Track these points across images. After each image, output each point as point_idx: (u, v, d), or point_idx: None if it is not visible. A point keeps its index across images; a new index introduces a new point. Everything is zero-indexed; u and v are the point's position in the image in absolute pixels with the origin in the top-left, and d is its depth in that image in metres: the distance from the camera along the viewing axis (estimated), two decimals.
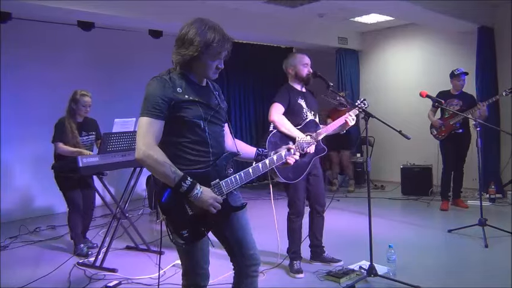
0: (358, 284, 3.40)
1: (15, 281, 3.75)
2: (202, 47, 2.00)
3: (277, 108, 3.59)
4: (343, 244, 4.54)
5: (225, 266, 3.98)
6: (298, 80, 3.75)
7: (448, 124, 5.62)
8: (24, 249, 4.83)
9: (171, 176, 1.94)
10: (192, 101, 2.04)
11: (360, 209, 5.94)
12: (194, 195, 1.96)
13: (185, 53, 2.01)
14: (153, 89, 2.00)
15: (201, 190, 1.98)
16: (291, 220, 3.82)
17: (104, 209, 5.95)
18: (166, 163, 1.95)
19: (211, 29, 2.04)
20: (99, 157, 4.02)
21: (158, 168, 1.94)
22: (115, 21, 5.84)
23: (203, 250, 2.19)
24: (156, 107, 1.97)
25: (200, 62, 2.05)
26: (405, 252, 4.03)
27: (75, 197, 4.43)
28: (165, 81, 2.01)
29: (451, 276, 3.64)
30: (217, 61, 2.10)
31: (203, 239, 2.11)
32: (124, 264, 4.06)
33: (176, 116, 2.01)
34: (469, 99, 5.62)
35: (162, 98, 1.97)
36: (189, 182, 1.95)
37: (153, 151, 1.95)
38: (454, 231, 4.73)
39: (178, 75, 2.06)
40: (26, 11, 5.24)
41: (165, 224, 2.04)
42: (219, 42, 2.03)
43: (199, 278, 2.22)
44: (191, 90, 2.06)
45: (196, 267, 2.19)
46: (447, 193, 5.92)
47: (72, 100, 4.35)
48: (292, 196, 3.77)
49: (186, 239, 2.02)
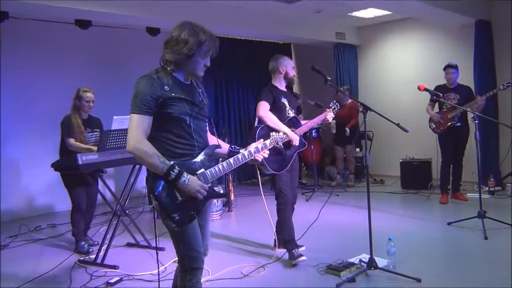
0: (359, 277, 3.42)
1: (17, 279, 3.77)
2: (195, 47, 2.21)
3: (264, 105, 3.87)
4: (343, 238, 4.56)
5: (227, 261, 4.02)
6: (286, 79, 4.07)
7: (446, 118, 5.63)
8: (25, 248, 4.85)
9: (160, 166, 2.13)
10: (178, 98, 2.22)
11: (360, 203, 5.96)
12: (182, 183, 2.15)
13: (180, 52, 2.20)
14: (142, 87, 2.17)
15: (188, 178, 2.18)
16: (281, 210, 4.00)
17: (104, 207, 5.96)
18: (155, 154, 2.14)
19: (201, 31, 2.25)
20: (98, 155, 4.02)
21: (147, 159, 2.13)
22: (112, 19, 5.83)
23: (195, 234, 2.30)
24: (145, 104, 2.14)
25: (192, 60, 2.25)
26: (405, 245, 4.05)
27: (78, 195, 4.46)
28: (153, 79, 2.19)
29: (450, 268, 3.66)
30: (206, 59, 2.31)
31: (194, 224, 2.28)
32: (125, 261, 4.08)
33: (164, 112, 2.19)
34: (466, 92, 5.63)
35: (151, 95, 2.15)
36: (176, 171, 2.15)
37: (143, 144, 2.14)
38: (453, 223, 4.75)
39: (165, 74, 2.24)
40: (23, 10, 5.22)
41: (157, 210, 2.20)
42: (209, 41, 2.26)
43: (193, 261, 2.31)
44: (177, 88, 2.24)
45: (189, 250, 2.29)
46: (446, 186, 5.94)
47: (76, 97, 4.44)
48: (279, 187, 3.96)
49: (177, 222, 2.19)
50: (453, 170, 5.89)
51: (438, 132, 5.77)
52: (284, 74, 4.03)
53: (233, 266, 3.87)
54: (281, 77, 4.04)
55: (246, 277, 3.64)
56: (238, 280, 3.58)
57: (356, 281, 3.37)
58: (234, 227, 5.51)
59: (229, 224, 5.60)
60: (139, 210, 6.02)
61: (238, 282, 3.55)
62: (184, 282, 2.33)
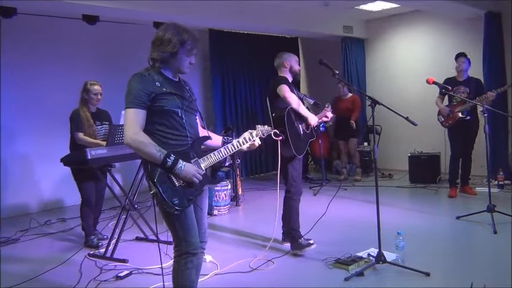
0: (367, 271, 3.42)
1: (27, 272, 3.81)
2: (178, 45, 2.36)
3: (286, 88, 3.96)
4: (351, 232, 4.56)
5: (235, 255, 4.04)
6: (291, 73, 4.17)
7: (456, 111, 5.59)
8: (35, 242, 4.89)
9: (156, 154, 2.27)
10: (169, 93, 2.37)
11: (368, 198, 5.95)
12: (178, 169, 2.30)
13: (165, 50, 2.36)
14: (135, 83, 2.32)
15: (184, 164, 2.33)
16: (292, 199, 4.07)
17: (113, 201, 6.00)
18: (151, 144, 2.28)
19: (184, 31, 2.41)
20: (107, 149, 4.04)
21: (144, 149, 2.27)
22: (120, 14, 5.85)
23: (192, 219, 2.43)
24: (139, 99, 2.29)
25: (177, 58, 2.40)
26: (414, 239, 4.04)
27: (88, 189, 4.48)
28: (144, 76, 2.34)
29: (459, 263, 3.65)
30: (191, 57, 2.46)
31: (191, 209, 2.43)
32: (134, 255, 4.11)
33: (156, 106, 2.33)
34: (476, 85, 5.58)
35: (143, 90, 2.30)
36: (172, 158, 2.29)
37: (139, 135, 2.28)
38: (462, 217, 4.73)
39: (155, 72, 2.39)
40: (30, 5, 5.25)
41: (156, 197, 2.31)
42: (191, 40, 2.41)
43: (190, 245, 2.41)
44: (167, 84, 2.39)
45: (187, 234, 2.40)
46: (455, 180, 5.90)
47: (84, 90, 4.45)
48: (292, 176, 4.03)
49: (177, 206, 2.31)
50: (462, 163, 5.85)
51: (447, 125, 5.73)
52: (289, 68, 4.16)
53: (241, 259, 3.88)
54: (286, 71, 4.16)
55: (255, 271, 3.65)
56: (246, 274, 3.59)
57: (364, 275, 3.37)
58: (242, 221, 5.53)
59: (237, 218, 5.61)
60: (147, 204, 6.04)
61: (247, 275, 3.56)
62: (178, 266, 2.43)
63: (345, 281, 3.30)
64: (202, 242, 2.57)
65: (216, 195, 5.63)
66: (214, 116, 7.82)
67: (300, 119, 4.04)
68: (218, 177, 2.63)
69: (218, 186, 5.56)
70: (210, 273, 3.59)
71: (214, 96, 7.85)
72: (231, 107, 8.14)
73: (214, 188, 5.52)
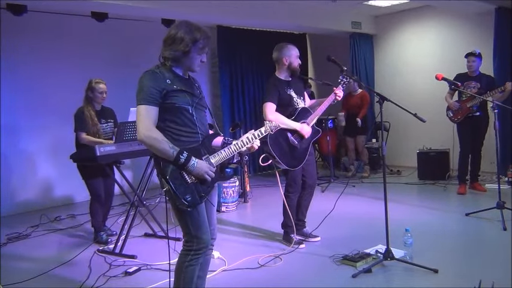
0: (375, 267, 3.42)
1: (37, 268, 3.85)
2: (191, 44, 2.36)
3: (270, 107, 3.85)
4: (359, 229, 4.55)
5: (243, 251, 4.05)
6: (290, 70, 4.00)
7: (465, 107, 5.54)
8: (46, 238, 4.95)
9: (169, 151, 2.28)
10: (180, 90, 2.38)
11: (376, 194, 5.93)
12: (191, 165, 2.31)
13: (177, 49, 2.35)
14: (146, 80, 2.33)
15: (196, 161, 2.34)
16: (290, 198, 4.09)
17: (122, 198, 6.05)
18: (164, 141, 2.30)
19: (196, 29, 2.39)
20: (115, 146, 4.07)
21: (158, 146, 2.28)
22: (128, 11, 5.87)
23: (204, 216, 2.46)
24: (151, 96, 2.30)
25: (189, 57, 2.40)
26: (422, 236, 4.02)
27: (96, 186, 4.51)
28: (156, 73, 2.35)
29: (468, 259, 3.63)
30: (202, 55, 2.46)
31: (203, 206, 2.45)
32: (143, 251, 4.14)
33: (168, 103, 2.34)
34: (487, 81, 5.52)
35: (155, 87, 2.31)
36: (185, 155, 2.30)
37: (152, 132, 2.29)
38: (471, 214, 4.70)
39: (165, 69, 2.39)
40: (40, 3, 5.29)
41: (169, 194, 2.32)
42: (204, 39, 2.41)
43: (201, 242, 2.43)
44: (178, 81, 2.40)
45: (199, 231, 2.42)
46: (465, 177, 5.86)
47: (89, 88, 4.44)
48: (292, 177, 4.05)
49: (189, 202, 2.33)
50: (471, 160, 5.81)
51: (456, 121, 5.69)
52: (288, 65, 3.99)
53: (249, 256, 3.89)
54: (284, 69, 4.01)
55: (263, 267, 3.66)
56: (254, 270, 3.60)
57: (372, 271, 3.37)
58: (250, 217, 5.54)
59: (245, 215, 5.63)
60: (156, 201, 6.08)
61: (255, 272, 3.57)
62: (183, 260, 2.44)
63: (353, 278, 3.29)
64: (212, 238, 2.57)
65: (224, 192, 5.65)
66: (222, 112, 7.83)
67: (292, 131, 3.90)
68: (227, 173, 2.63)
69: (226, 183, 5.58)
70: (218, 269, 3.61)
71: (222, 93, 7.87)
72: (239, 104, 8.15)
73: (222, 185, 5.54)
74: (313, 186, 4.24)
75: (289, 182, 4.09)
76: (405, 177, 7.28)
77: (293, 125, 3.87)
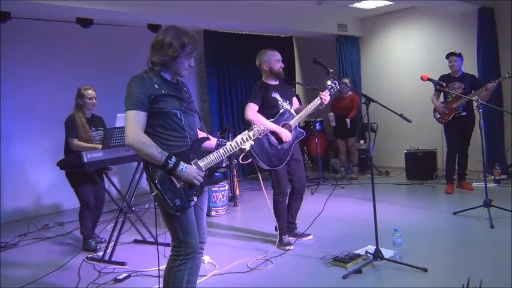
0: (365, 268, 3.43)
1: (25, 277, 3.80)
2: (179, 49, 2.36)
3: (252, 107, 3.97)
4: (348, 230, 4.57)
5: (233, 255, 4.04)
6: (273, 75, 4.07)
7: (451, 108, 5.61)
8: (34, 246, 4.88)
9: (158, 156, 2.28)
10: (168, 95, 2.38)
11: (365, 195, 5.96)
12: (180, 170, 2.31)
13: (166, 54, 2.35)
14: (134, 86, 2.33)
15: (185, 166, 2.34)
16: (277, 201, 4.13)
17: (110, 204, 5.99)
18: (153, 145, 2.30)
19: (184, 34, 2.39)
20: (103, 152, 4.04)
21: (146, 150, 2.28)
22: (113, 16, 5.84)
23: (193, 221, 2.45)
24: (139, 101, 2.30)
25: (177, 61, 2.39)
26: (411, 236, 4.05)
27: (85, 193, 4.47)
28: (144, 79, 2.35)
29: (457, 258, 3.67)
30: (190, 60, 2.46)
31: (192, 211, 2.44)
32: (132, 257, 4.11)
33: (156, 108, 2.34)
34: (471, 81, 5.59)
35: (143, 93, 2.31)
36: (174, 160, 2.31)
37: (140, 137, 2.30)
38: (459, 213, 4.74)
39: (154, 74, 2.39)
40: (24, 9, 5.24)
41: (158, 198, 2.34)
42: (192, 43, 2.40)
43: (190, 247, 2.42)
44: (166, 86, 2.40)
45: (188, 236, 2.42)
46: (452, 176, 5.92)
47: (78, 96, 4.45)
48: (276, 179, 4.08)
49: (178, 207, 2.33)
50: (459, 159, 5.87)
51: (443, 122, 5.75)
52: (269, 70, 4.06)
53: (240, 260, 3.89)
54: (267, 73, 4.09)
55: (253, 270, 3.66)
56: (245, 274, 3.60)
57: (362, 272, 3.38)
58: (240, 221, 5.53)
59: (235, 219, 5.62)
60: (145, 207, 6.04)
61: (246, 275, 3.57)
62: (172, 265, 2.43)
63: (343, 279, 3.30)
64: (201, 242, 2.58)
65: (214, 196, 5.63)
66: (210, 117, 7.82)
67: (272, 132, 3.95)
68: (216, 177, 2.63)
69: (215, 187, 5.57)
70: (208, 274, 3.59)
71: (209, 98, 7.85)
72: (227, 108, 8.14)
73: (212, 189, 5.52)
74: (302, 190, 4.27)
75: (273, 185, 4.13)
76: (393, 177, 7.33)
77: (271, 126, 3.91)
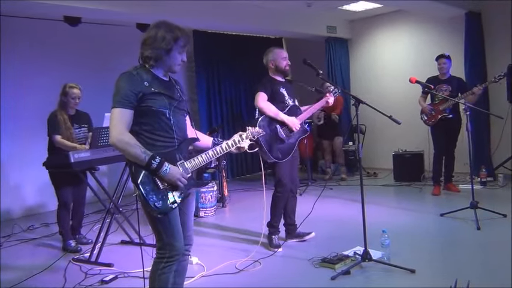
0: (354, 269, 3.44)
1: (11, 279, 3.74)
2: (172, 42, 2.33)
3: (262, 96, 3.95)
4: (337, 231, 4.58)
5: (222, 256, 4.02)
6: (279, 72, 4.11)
7: (438, 110, 5.65)
8: (19, 248, 4.81)
9: (141, 156, 2.22)
10: (157, 93, 2.32)
11: (353, 197, 5.97)
12: (163, 171, 2.25)
13: (159, 47, 2.32)
14: (122, 83, 2.28)
15: (169, 167, 2.27)
16: (277, 196, 4.13)
17: (97, 205, 5.93)
18: (137, 145, 2.24)
19: (176, 28, 2.38)
20: (90, 152, 4.00)
21: (130, 150, 2.23)
22: (102, 15, 5.79)
23: (176, 222, 2.39)
24: (126, 99, 2.24)
25: (170, 56, 2.36)
26: (399, 237, 4.07)
27: (64, 193, 4.43)
28: (133, 75, 2.30)
29: (444, 259, 3.69)
30: (183, 55, 2.43)
31: (176, 213, 2.37)
32: (119, 259, 4.07)
33: (144, 106, 2.29)
34: (457, 83, 5.66)
35: (131, 90, 2.25)
36: (158, 160, 2.24)
37: (124, 136, 2.24)
38: (446, 214, 4.78)
39: (144, 71, 2.35)
40: (11, 7, 5.16)
41: (140, 199, 2.28)
42: (184, 37, 2.39)
43: (174, 249, 2.37)
44: (156, 84, 2.35)
45: (171, 238, 2.36)
46: (439, 178, 5.97)
47: (62, 93, 4.38)
48: (280, 174, 4.07)
49: (159, 209, 2.27)
50: (445, 161, 5.92)
51: (430, 124, 5.79)
52: (275, 68, 4.10)
53: (228, 261, 3.87)
54: (274, 71, 4.13)
55: (242, 272, 3.64)
56: (233, 275, 3.58)
57: (351, 273, 3.38)
58: (229, 222, 5.50)
59: (223, 220, 5.59)
60: (132, 207, 5.99)
61: (234, 277, 3.55)
62: (156, 268, 2.39)
63: (332, 280, 3.30)
64: (187, 244, 2.55)
65: (202, 197, 5.61)
66: (199, 117, 7.79)
67: (281, 123, 4.00)
68: (204, 179, 2.61)
69: (204, 188, 5.54)
70: (196, 275, 3.57)
71: (199, 98, 7.83)
72: (216, 108, 8.11)
73: (201, 190, 5.49)
74: (295, 190, 4.29)
75: (276, 181, 4.12)
76: (381, 179, 7.37)
77: (282, 116, 3.93)
